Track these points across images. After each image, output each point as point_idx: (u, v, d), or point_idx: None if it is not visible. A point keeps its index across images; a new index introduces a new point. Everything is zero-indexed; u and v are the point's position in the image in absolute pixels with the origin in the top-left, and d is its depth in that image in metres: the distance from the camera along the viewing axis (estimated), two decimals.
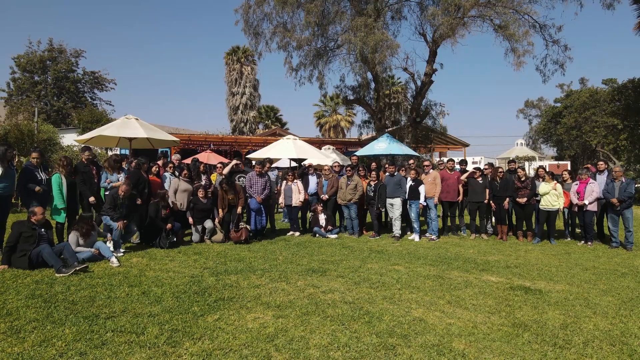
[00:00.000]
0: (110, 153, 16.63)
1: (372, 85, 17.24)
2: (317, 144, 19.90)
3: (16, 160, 13.32)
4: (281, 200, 9.09)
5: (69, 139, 19.74)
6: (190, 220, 7.52)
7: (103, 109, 22.72)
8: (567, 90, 35.64)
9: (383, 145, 13.95)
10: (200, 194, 7.72)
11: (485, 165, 9.47)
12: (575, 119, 23.95)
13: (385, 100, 18.57)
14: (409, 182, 8.68)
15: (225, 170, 8.65)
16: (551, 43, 15.97)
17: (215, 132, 37.56)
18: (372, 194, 8.87)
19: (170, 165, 8.27)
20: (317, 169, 11.18)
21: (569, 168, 35.94)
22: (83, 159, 7.29)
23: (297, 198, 8.88)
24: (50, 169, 7.32)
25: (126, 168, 7.93)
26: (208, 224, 7.55)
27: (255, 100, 41.07)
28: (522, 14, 14.70)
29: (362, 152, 15.56)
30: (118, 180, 7.27)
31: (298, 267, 5.90)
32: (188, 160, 17.28)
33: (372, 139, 20.94)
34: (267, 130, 36.33)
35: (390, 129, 19.65)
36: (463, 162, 9.77)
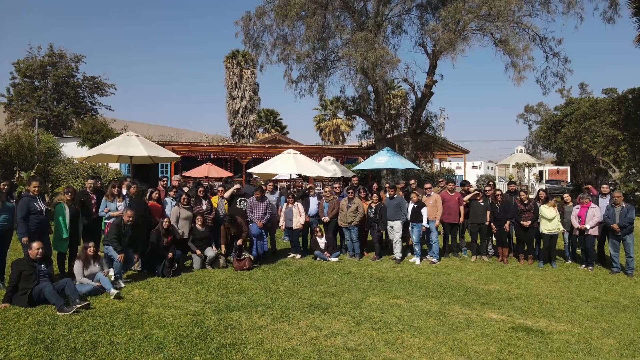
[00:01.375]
0: (110, 165, 16.61)
1: (372, 96, 17.24)
2: (317, 154, 19.93)
3: (17, 176, 13.38)
4: (282, 222, 9.08)
5: (69, 148, 19.70)
6: (198, 252, 7.44)
7: (103, 119, 22.62)
8: (566, 96, 35.66)
9: (383, 160, 13.97)
10: (198, 222, 7.69)
11: (486, 186, 9.48)
12: (575, 129, 23.96)
13: (386, 110, 18.53)
14: (411, 205, 8.68)
15: (227, 195, 8.64)
16: (551, 56, 16.01)
17: (213, 134, 37.55)
18: (372, 216, 8.87)
19: (174, 190, 8.19)
20: (317, 179, 11.14)
21: (569, 173, 36.09)
22: (87, 187, 7.27)
23: (298, 221, 8.88)
24: (47, 197, 7.29)
25: (125, 192, 7.86)
26: (209, 252, 7.51)
27: (255, 104, 41.10)
28: (523, 28, 14.71)
29: (362, 165, 15.60)
30: (117, 210, 7.22)
31: (300, 301, 5.90)
32: (191, 173, 17.33)
33: (373, 146, 20.96)
34: (267, 135, 36.29)
35: (390, 135, 19.64)
36: (465, 184, 9.76)
